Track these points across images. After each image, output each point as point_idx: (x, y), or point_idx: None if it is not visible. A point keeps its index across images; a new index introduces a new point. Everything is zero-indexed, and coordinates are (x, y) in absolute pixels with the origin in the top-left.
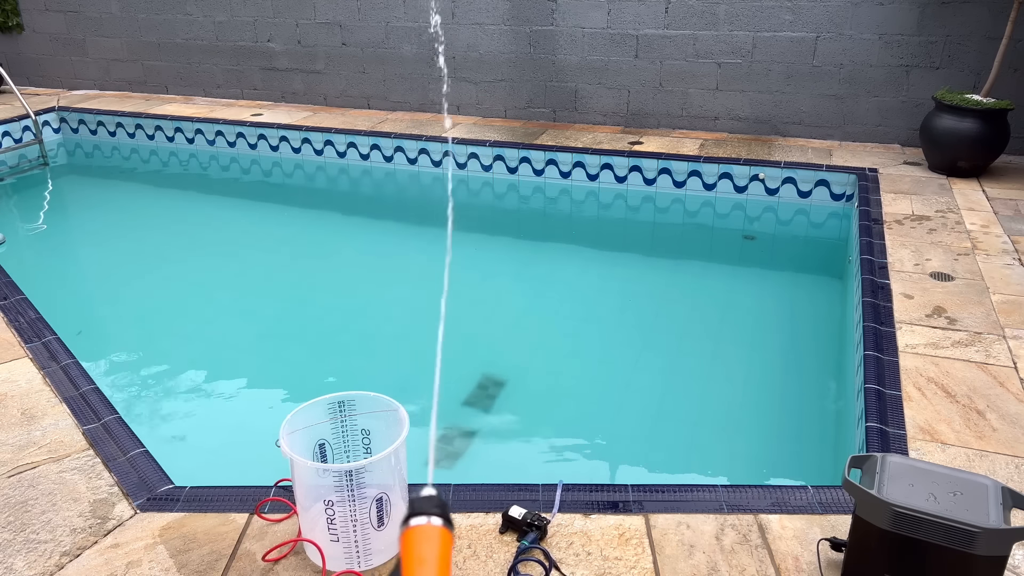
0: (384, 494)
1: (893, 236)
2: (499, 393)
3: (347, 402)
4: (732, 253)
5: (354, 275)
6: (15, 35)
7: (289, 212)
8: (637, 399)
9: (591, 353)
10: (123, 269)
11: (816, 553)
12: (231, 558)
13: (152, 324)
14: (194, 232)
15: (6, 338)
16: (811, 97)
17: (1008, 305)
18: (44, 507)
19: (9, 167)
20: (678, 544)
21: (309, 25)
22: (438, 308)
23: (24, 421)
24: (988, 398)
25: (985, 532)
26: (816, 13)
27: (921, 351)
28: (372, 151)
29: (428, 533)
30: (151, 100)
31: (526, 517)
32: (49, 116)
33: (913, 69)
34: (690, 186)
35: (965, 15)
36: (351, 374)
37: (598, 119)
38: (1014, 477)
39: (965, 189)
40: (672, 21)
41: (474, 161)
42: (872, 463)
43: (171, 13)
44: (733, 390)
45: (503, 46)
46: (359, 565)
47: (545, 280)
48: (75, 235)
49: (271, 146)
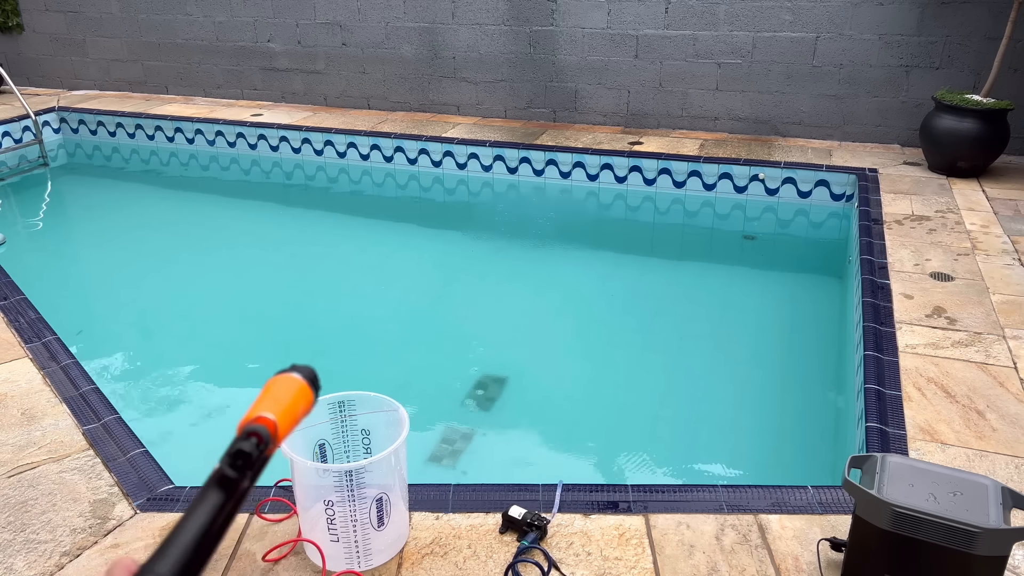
0: (384, 494)
1: (893, 236)
2: (499, 393)
3: (347, 402)
4: (732, 253)
5: (354, 275)
6: (15, 35)
7: (289, 212)
8: (637, 399)
9: (591, 353)
10: (123, 269)
11: (816, 553)
12: (231, 558)
13: (152, 324)
14: (194, 232)
15: (6, 338)
16: (811, 97)
17: (1008, 305)
18: (44, 507)
19: (9, 167)
20: (678, 544)
21: (309, 25)
22: (438, 308)
23: (24, 421)
24: (988, 398)
25: (985, 532)
26: (816, 13)
27: (921, 351)
28: (372, 151)
29: (290, 381)
30: (151, 100)
31: (526, 517)
32: (49, 116)
33: (913, 69)
34: (690, 186)
35: (965, 15)
36: (351, 374)
37: (598, 119)
38: (1014, 477)
39: (965, 189)
40: (672, 21)
41: (474, 161)
42: (872, 463)
43: (171, 13)
44: (733, 390)
45: (503, 46)
46: (359, 565)
47: (545, 280)
48: (75, 235)
49: (271, 146)
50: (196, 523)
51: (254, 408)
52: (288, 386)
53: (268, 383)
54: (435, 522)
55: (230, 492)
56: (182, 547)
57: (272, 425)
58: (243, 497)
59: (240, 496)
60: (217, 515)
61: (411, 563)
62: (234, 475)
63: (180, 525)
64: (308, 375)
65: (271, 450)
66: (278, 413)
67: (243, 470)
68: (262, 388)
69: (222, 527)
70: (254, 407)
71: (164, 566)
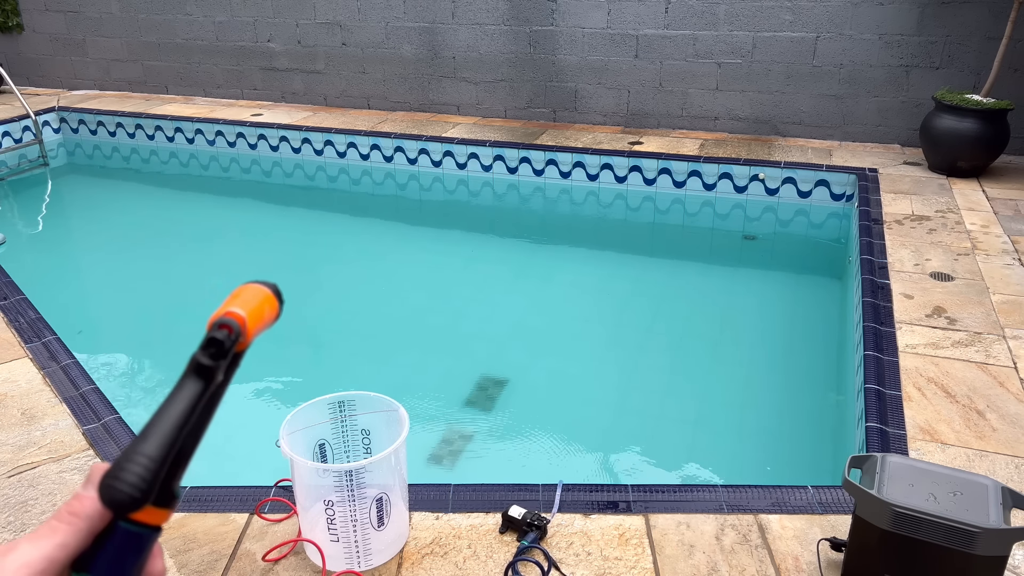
0: (384, 494)
1: (893, 236)
2: (499, 393)
3: (347, 402)
4: (732, 253)
5: (354, 274)
6: (15, 35)
7: (289, 212)
8: (637, 399)
9: (591, 353)
10: (123, 269)
11: (816, 553)
12: (231, 558)
13: (152, 324)
14: (194, 232)
15: (6, 338)
16: (811, 97)
17: (1008, 305)
18: (44, 507)
19: (9, 167)
20: (678, 544)
21: (309, 25)
22: (438, 308)
23: (24, 421)
24: (988, 398)
25: (985, 532)
26: (816, 13)
27: (921, 351)
28: (372, 151)
29: (256, 288)
30: (151, 100)
31: (526, 517)
32: (49, 116)
33: (913, 69)
34: (690, 186)
35: (965, 15)
36: (351, 374)
37: (598, 119)
38: (1014, 477)
39: (965, 189)
40: (672, 21)
41: (474, 161)
42: (872, 463)
43: (171, 13)
44: (733, 390)
45: (503, 46)
46: (359, 565)
47: (545, 280)
48: (75, 235)
49: (271, 146)
50: (176, 408)
51: (223, 307)
52: (255, 292)
53: (235, 291)
54: (435, 522)
55: (206, 381)
56: (164, 430)
57: (242, 320)
58: (220, 392)
59: (217, 389)
60: (196, 403)
61: (411, 563)
62: (209, 363)
63: (160, 412)
64: (272, 287)
65: (242, 344)
66: (247, 311)
67: (216, 358)
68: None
69: (201, 419)
70: (223, 307)
71: (148, 447)
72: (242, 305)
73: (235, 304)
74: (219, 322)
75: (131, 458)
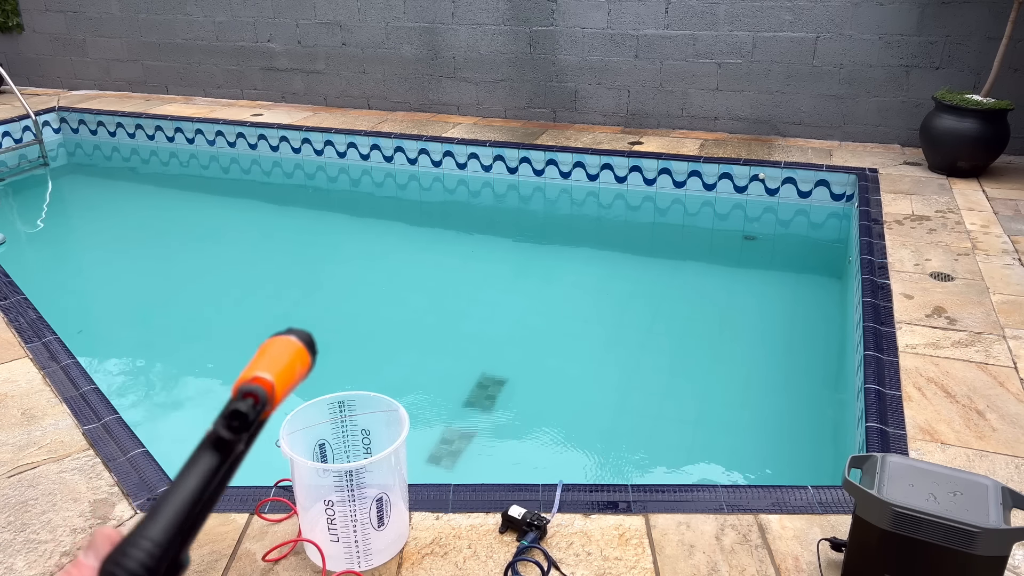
0: (384, 494)
1: (893, 236)
2: (499, 393)
3: (347, 402)
4: (732, 253)
5: (354, 274)
6: (15, 35)
7: (289, 212)
8: (637, 399)
9: (591, 353)
10: (123, 269)
11: (816, 553)
12: (231, 558)
13: (152, 324)
14: (194, 232)
15: (6, 338)
16: (811, 97)
17: (1008, 305)
18: (44, 507)
19: (9, 167)
20: (678, 544)
21: (309, 25)
22: (438, 307)
23: (24, 421)
24: (988, 398)
25: (985, 532)
26: (816, 13)
27: (921, 351)
28: (372, 151)
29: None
30: (151, 100)
31: (526, 517)
32: (49, 116)
33: (913, 69)
34: (690, 186)
35: (965, 15)
36: (351, 374)
37: (598, 119)
38: (1014, 477)
39: (965, 189)
40: (672, 21)
41: (474, 161)
42: (872, 463)
43: (171, 13)
44: (733, 390)
45: (503, 46)
46: (359, 565)
47: (545, 280)
48: (75, 235)
49: (271, 146)
50: (188, 486)
51: (250, 368)
52: (285, 347)
53: (263, 345)
54: (435, 522)
55: (224, 455)
56: (174, 511)
57: (269, 386)
58: (238, 462)
59: (235, 460)
60: (211, 479)
61: (411, 563)
62: (230, 437)
63: (172, 489)
64: (305, 338)
65: (268, 412)
66: (275, 374)
67: (239, 432)
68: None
69: (215, 492)
70: (250, 367)
71: (156, 530)
72: (270, 366)
73: (262, 366)
74: (244, 390)
75: (136, 543)
